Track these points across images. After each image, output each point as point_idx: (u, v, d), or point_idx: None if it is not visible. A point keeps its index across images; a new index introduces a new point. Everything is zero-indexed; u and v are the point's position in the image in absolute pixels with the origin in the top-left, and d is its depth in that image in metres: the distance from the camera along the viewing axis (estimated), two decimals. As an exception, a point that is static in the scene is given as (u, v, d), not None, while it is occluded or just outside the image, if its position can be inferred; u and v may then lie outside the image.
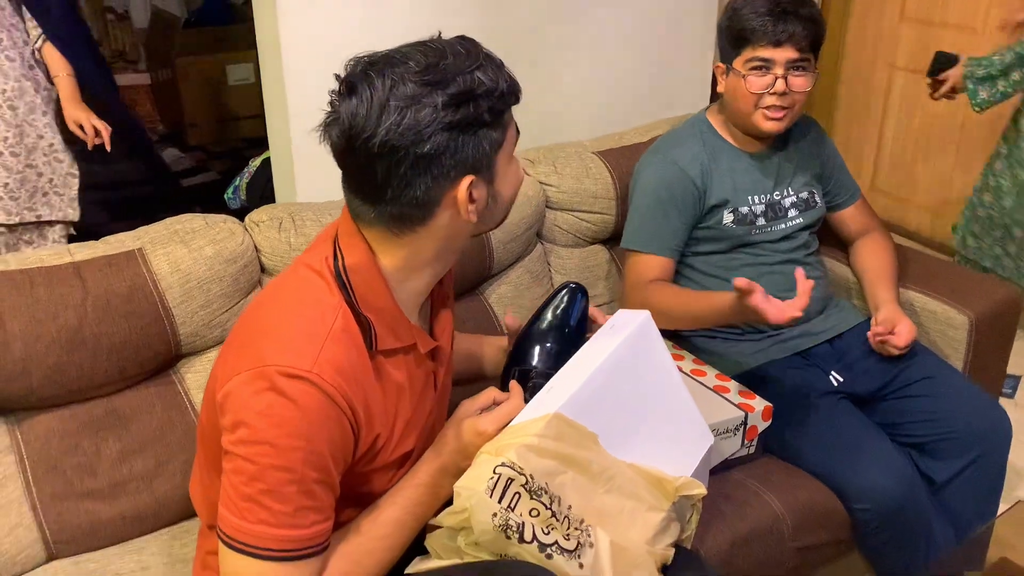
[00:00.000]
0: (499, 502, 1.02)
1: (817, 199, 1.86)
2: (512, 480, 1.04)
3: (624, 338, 1.22)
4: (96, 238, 1.52)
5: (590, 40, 2.20)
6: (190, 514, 1.49)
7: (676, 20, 2.34)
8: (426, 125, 0.99)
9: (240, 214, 1.60)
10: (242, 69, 4.85)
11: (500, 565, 1.03)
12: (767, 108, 1.69)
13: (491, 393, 1.17)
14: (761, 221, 1.78)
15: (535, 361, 1.23)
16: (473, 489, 1.02)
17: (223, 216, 1.60)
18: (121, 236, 1.52)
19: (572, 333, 1.27)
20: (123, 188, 3.66)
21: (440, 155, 1.00)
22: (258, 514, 0.98)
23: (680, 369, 1.70)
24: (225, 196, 3.10)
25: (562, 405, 1.12)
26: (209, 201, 3.99)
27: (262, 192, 2.76)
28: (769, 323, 1.43)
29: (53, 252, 1.45)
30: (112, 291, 1.43)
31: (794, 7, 1.64)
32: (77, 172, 2.48)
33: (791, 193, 1.83)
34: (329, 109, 1.03)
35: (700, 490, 1.26)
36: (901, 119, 3.46)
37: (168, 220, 1.57)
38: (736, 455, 1.60)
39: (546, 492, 1.08)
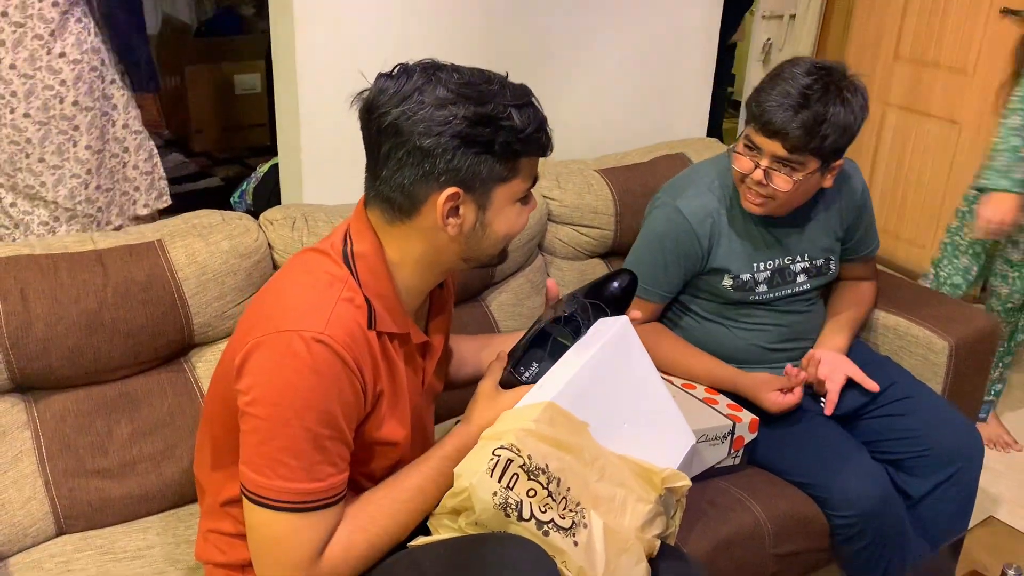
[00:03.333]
0: (499, 481, 1.09)
1: (832, 266, 1.82)
2: (511, 461, 1.10)
3: (606, 340, 1.30)
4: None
5: (593, 65, 2.28)
6: (195, 497, 1.54)
7: (677, 47, 2.42)
8: (436, 123, 1.07)
9: None
10: (249, 79, 4.94)
11: (494, 537, 1.09)
12: (747, 189, 1.64)
13: (502, 360, 1.25)
14: (763, 288, 1.76)
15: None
16: (474, 470, 1.09)
17: (239, 213, 1.67)
18: (142, 228, 1.58)
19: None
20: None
21: (436, 155, 1.07)
22: (276, 470, 1.05)
23: (671, 382, 1.78)
24: (231, 199, 3.16)
25: (555, 396, 1.20)
26: (211, 205, 4.06)
27: (269, 196, 2.83)
28: (765, 408, 1.58)
29: (77, 239, 1.51)
30: (131, 279, 1.49)
31: (811, 107, 1.51)
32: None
33: (805, 259, 1.78)
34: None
35: (685, 482, 1.32)
36: (893, 154, 3.56)
37: (186, 215, 1.64)
38: (722, 464, 1.67)
39: (544, 473, 1.15)
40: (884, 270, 2.11)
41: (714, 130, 3.44)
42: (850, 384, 1.79)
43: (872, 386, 1.73)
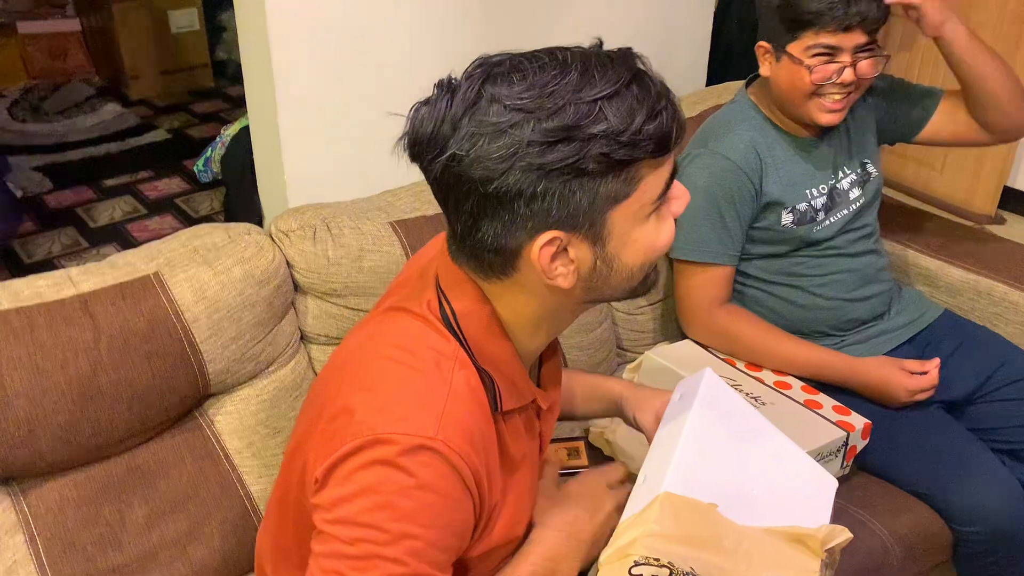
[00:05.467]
0: None
1: (871, 169, 1.66)
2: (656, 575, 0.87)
3: (696, 402, 1.07)
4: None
5: (588, 17, 1.96)
6: (233, 579, 1.29)
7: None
8: (498, 160, 0.77)
9: (211, 187, 1.34)
10: (184, 16, 4.45)
11: None
12: (826, 98, 1.49)
13: (622, 468, 0.98)
14: (822, 215, 1.60)
15: None
16: None
17: (246, 226, 1.36)
18: (130, 257, 1.27)
19: None
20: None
21: (510, 198, 0.78)
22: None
23: (761, 381, 1.55)
24: (195, 168, 2.81)
25: (667, 484, 0.96)
26: (162, 164, 3.66)
27: (242, 166, 2.48)
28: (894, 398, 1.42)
29: (52, 282, 1.20)
30: (129, 328, 1.19)
31: None
32: None
33: (848, 172, 1.64)
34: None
35: (845, 536, 1.10)
36: (900, 62, 3.30)
37: (184, 234, 1.32)
38: (834, 478, 1.46)
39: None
40: (925, 208, 1.89)
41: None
42: (959, 364, 1.59)
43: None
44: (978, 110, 1.58)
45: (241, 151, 2.51)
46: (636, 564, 0.89)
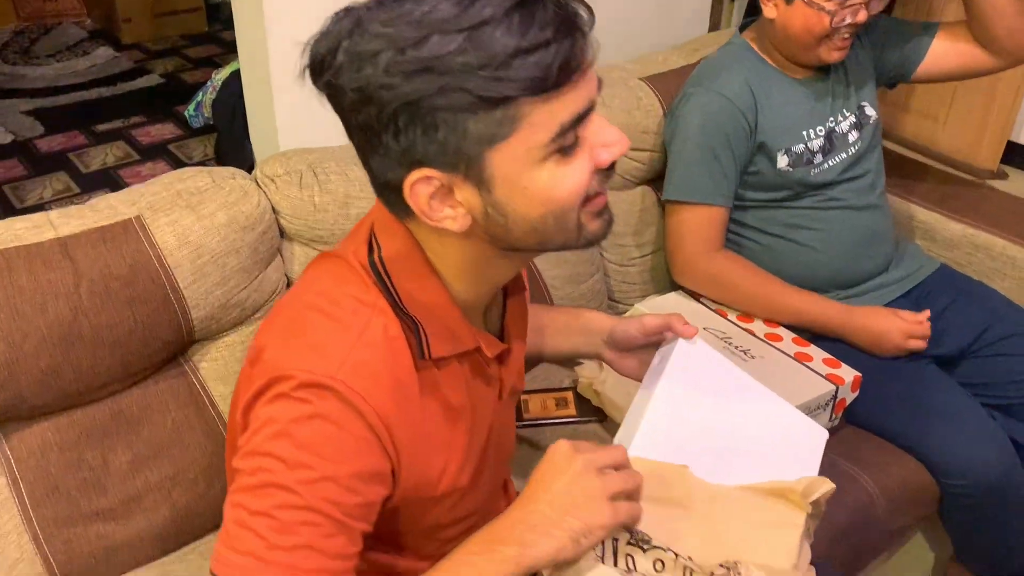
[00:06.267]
0: (615, 566, 0.85)
1: (869, 111, 1.63)
2: (617, 540, 0.87)
3: (670, 366, 1.04)
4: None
5: None
6: (216, 525, 1.28)
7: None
8: (359, 90, 0.73)
9: (204, 133, 1.32)
10: (178, -45, 4.37)
11: None
12: (836, 38, 1.48)
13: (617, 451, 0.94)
14: (819, 158, 1.57)
15: None
16: (579, 566, 0.84)
17: (230, 170, 1.34)
18: (112, 200, 1.24)
19: None
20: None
21: (377, 132, 0.74)
22: (247, 542, 0.75)
23: (752, 333, 1.54)
24: (186, 113, 2.76)
25: (634, 448, 0.93)
26: (155, 109, 3.61)
27: (232, 112, 2.44)
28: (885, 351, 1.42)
29: (31, 225, 1.18)
30: (110, 273, 1.17)
31: None
32: None
33: (847, 115, 1.62)
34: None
35: (828, 487, 1.09)
36: (908, 6, 3.22)
37: (167, 178, 1.29)
38: (823, 431, 1.45)
39: (655, 542, 0.91)
40: (928, 162, 1.85)
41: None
42: (953, 318, 1.58)
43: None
44: (982, 27, 1.53)
45: (231, 96, 2.47)
46: None
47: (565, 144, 0.76)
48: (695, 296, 1.63)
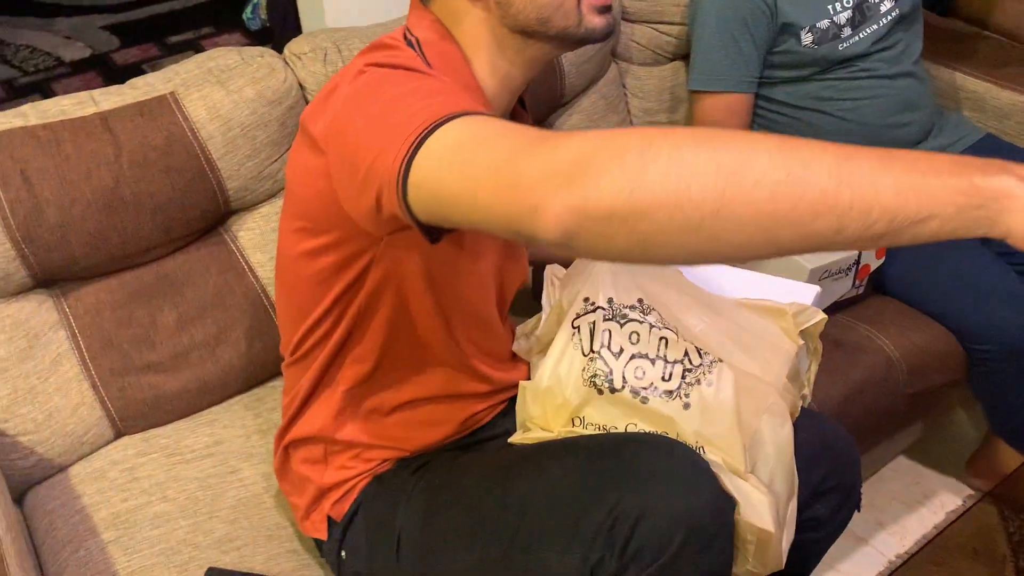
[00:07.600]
0: (586, 353, 0.92)
1: None
2: (594, 323, 0.92)
3: None
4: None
5: None
6: (258, 381, 1.40)
7: None
8: None
9: (261, 36, 1.37)
10: None
11: (630, 440, 0.91)
12: None
13: None
14: (847, 31, 1.52)
15: None
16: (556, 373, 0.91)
17: (259, 49, 1.40)
18: (149, 78, 1.33)
19: None
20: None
21: None
22: (408, 108, 0.75)
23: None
24: (244, 16, 2.84)
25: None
26: (223, 20, 3.69)
27: (285, 12, 2.50)
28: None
29: (75, 101, 1.27)
30: (148, 144, 1.26)
31: None
32: None
33: None
34: None
35: (820, 317, 1.10)
36: None
37: (199, 57, 1.37)
38: (845, 297, 1.46)
39: (637, 309, 0.96)
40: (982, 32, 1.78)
41: None
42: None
43: None
44: None
45: (285, -5, 2.52)
46: (578, 315, 0.93)
47: None
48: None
